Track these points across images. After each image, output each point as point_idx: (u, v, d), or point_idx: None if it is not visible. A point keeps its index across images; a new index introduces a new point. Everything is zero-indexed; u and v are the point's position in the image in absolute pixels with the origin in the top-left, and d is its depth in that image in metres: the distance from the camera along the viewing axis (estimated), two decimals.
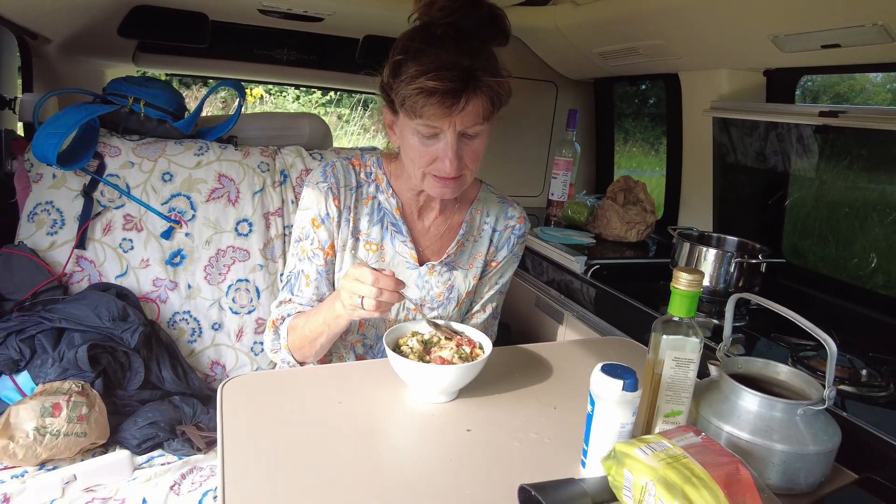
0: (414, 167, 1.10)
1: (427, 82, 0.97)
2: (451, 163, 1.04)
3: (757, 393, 0.80)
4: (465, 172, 1.08)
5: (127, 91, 1.69)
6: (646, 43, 1.63)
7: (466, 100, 0.99)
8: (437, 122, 1.01)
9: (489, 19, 1.07)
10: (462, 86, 0.98)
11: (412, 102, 1.00)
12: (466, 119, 1.01)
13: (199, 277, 1.70)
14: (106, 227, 1.64)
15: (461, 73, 0.98)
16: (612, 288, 1.49)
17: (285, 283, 1.26)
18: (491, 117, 1.05)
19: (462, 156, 1.05)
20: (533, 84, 2.24)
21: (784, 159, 1.64)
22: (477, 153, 1.08)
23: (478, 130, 1.05)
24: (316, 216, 1.20)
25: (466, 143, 1.06)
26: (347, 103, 7.55)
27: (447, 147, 1.03)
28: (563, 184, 2.06)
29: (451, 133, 1.02)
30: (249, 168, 1.78)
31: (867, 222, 1.59)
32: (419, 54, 1.01)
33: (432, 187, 1.10)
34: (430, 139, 1.05)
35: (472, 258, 1.28)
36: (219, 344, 1.71)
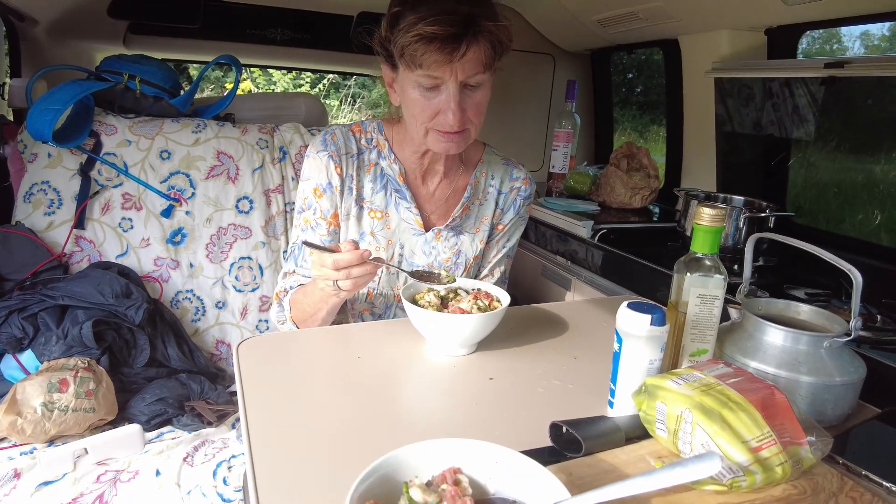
0: (416, 123, 1.08)
1: (426, 28, 0.95)
2: (455, 114, 1.01)
3: (782, 328, 0.80)
4: (468, 126, 1.06)
5: (121, 68, 1.66)
6: (645, 6, 1.62)
7: (467, 45, 0.97)
8: (438, 72, 0.99)
9: None
10: (462, 30, 0.96)
11: (412, 51, 0.98)
12: (468, 66, 0.99)
13: (200, 256, 1.68)
14: (104, 207, 1.61)
15: (461, 17, 0.96)
16: (620, 250, 1.48)
17: (289, 253, 1.24)
18: (493, 66, 1.03)
19: (465, 108, 1.03)
20: (531, 57, 2.23)
21: (783, 123, 1.64)
22: (480, 105, 1.05)
23: (480, 80, 1.02)
24: (318, 185, 1.18)
25: (469, 95, 1.03)
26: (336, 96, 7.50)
27: (450, 98, 1.01)
28: (564, 156, 2.05)
29: (453, 83, 1.00)
30: (248, 145, 1.76)
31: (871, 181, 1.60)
32: (417, 4, 0.99)
33: (436, 143, 1.08)
34: (432, 91, 1.03)
35: (478, 221, 1.26)
36: (223, 322, 1.69)
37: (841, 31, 2.07)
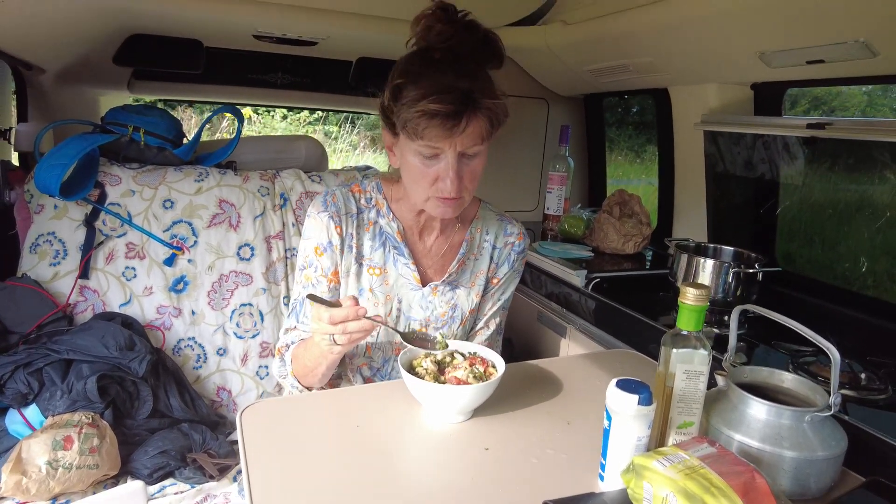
0: (416, 188, 1.12)
1: (429, 105, 1.00)
2: (453, 182, 1.06)
3: (765, 402, 0.83)
4: (464, 194, 1.11)
5: (126, 120, 1.70)
6: (636, 60, 1.68)
7: (467, 121, 1.02)
8: (439, 143, 1.04)
9: (483, 43, 1.11)
10: (462, 107, 1.01)
11: (414, 125, 1.03)
12: (467, 140, 1.04)
13: (202, 303, 1.71)
14: (108, 256, 1.64)
15: (461, 95, 1.01)
16: (613, 300, 1.52)
17: (290, 309, 1.28)
18: (490, 137, 1.08)
19: (462, 175, 1.08)
20: (525, 101, 2.29)
21: (772, 167, 1.69)
22: (475, 173, 1.11)
23: (477, 150, 1.08)
24: (318, 244, 1.22)
25: (466, 163, 1.09)
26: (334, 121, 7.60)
27: (448, 167, 1.06)
28: (559, 198, 2.10)
29: (452, 153, 1.05)
30: (250, 192, 1.80)
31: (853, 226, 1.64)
32: (419, 78, 1.04)
33: (434, 208, 1.13)
34: (431, 160, 1.08)
35: (473, 276, 1.30)
36: (224, 369, 1.72)
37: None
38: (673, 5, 1.41)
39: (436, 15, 1.08)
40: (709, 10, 1.33)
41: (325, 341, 1.02)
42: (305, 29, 1.89)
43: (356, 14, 1.80)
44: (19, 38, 1.66)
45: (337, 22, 1.83)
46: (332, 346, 1.02)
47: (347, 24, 1.84)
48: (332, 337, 1.00)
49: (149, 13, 1.74)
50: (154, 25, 1.90)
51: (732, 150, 1.67)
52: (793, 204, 1.70)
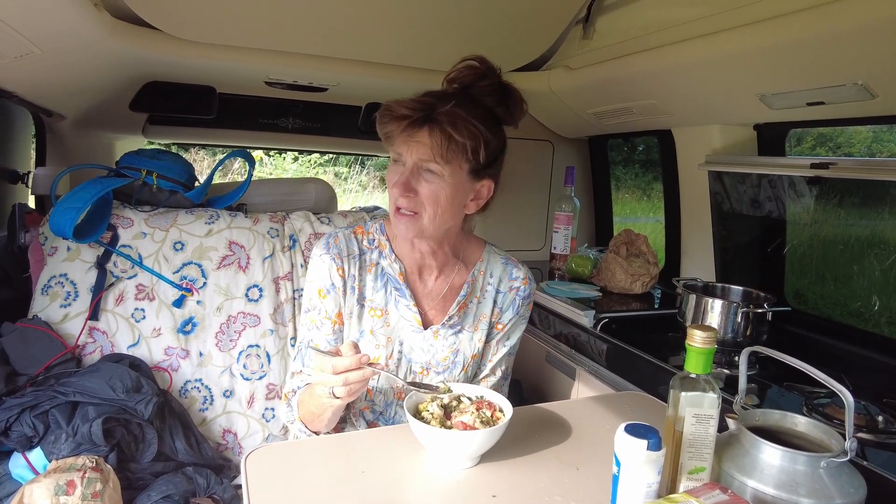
0: (390, 199, 1.16)
1: (396, 106, 1.08)
2: (398, 186, 1.10)
3: (779, 447, 0.81)
4: (420, 211, 1.12)
5: (139, 164, 1.75)
6: (639, 103, 1.71)
7: (429, 130, 1.07)
8: (401, 147, 1.10)
9: (498, 87, 1.15)
10: (424, 115, 1.07)
11: (383, 124, 1.11)
12: (422, 150, 1.08)
13: (210, 345, 1.71)
14: (118, 298, 1.66)
15: (426, 105, 1.07)
16: (623, 341, 1.50)
17: (296, 353, 1.28)
18: (448, 158, 1.08)
19: (418, 190, 1.10)
20: (531, 144, 2.33)
21: (779, 206, 1.69)
22: (435, 195, 1.10)
23: (434, 169, 1.09)
24: (322, 287, 1.23)
25: (425, 179, 1.10)
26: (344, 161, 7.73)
27: (403, 171, 1.10)
28: (565, 237, 2.11)
29: (409, 159, 1.10)
30: (259, 234, 1.82)
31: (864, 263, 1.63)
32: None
33: (396, 222, 1.15)
34: (396, 165, 1.13)
35: (476, 320, 1.28)
36: (230, 411, 1.70)
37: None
38: (675, 50, 1.45)
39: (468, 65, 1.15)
40: (711, 53, 1.36)
41: (326, 393, 1.01)
42: (316, 76, 1.95)
43: (365, 62, 1.86)
44: (43, 88, 1.73)
45: (346, 69, 1.88)
46: (332, 399, 1.02)
47: (357, 71, 1.89)
48: (331, 390, 1.00)
49: (165, 62, 1.80)
50: (170, 73, 1.96)
51: (738, 189, 1.68)
52: (801, 242, 1.70)
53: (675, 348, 1.52)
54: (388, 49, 1.77)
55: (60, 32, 1.31)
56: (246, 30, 1.66)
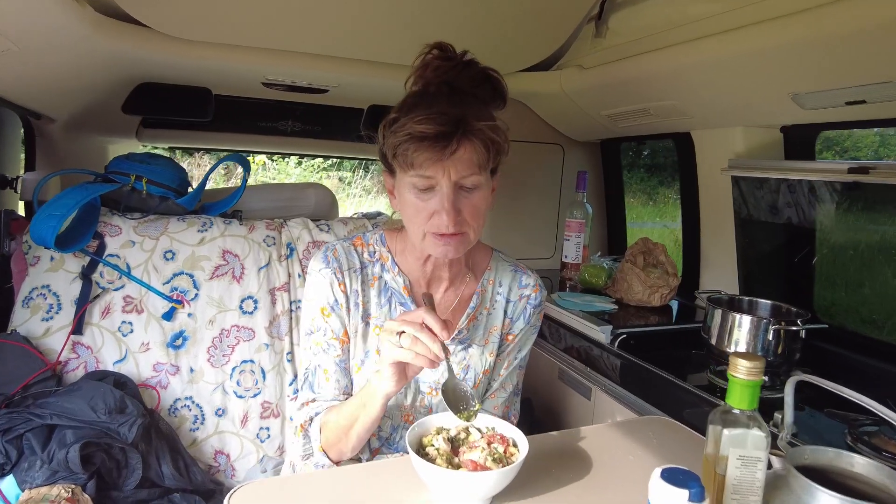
0: (413, 227, 1.05)
1: (416, 126, 0.94)
2: (449, 214, 0.98)
3: (838, 495, 0.70)
4: (466, 230, 1.03)
5: (129, 169, 1.65)
6: (657, 104, 1.61)
7: (458, 144, 0.95)
8: (430, 171, 0.97)
9: (483, 79, 1.06)
10: (452, 129, 0.95)
11: (403, 150, 0.96)
12: (460, 166, 0.97)
13: (201, 360, 1.61)
14: (105, 310, 1.56)
15: (451, 118, 0.95)
16: (642, 359, 1.40)
17: (303, 381, 1.18)
18: (487, 166, 1.00)
19: (461, 209, 1.00)
20: (540, 147, 2.22)
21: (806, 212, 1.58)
22: (477, 208, 1.02)
23: (476, 182, 1.00)
24: (325, 305, 1.13)
25: (465, 197, 1.01)
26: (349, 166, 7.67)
27: (443, 198, 0.98)
28: (577, 245, 2.01)
29: (447, 182, 0.98)
30: (255, 243, 1.73)
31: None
32: (412, 109, 0.99)
33: (433, 246, 1.04)
34: (426, 193, 1.00)
35: (487, 333, 1.19)
36: (223, 431, 1.60)
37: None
38: (697, 47, 1.35)
39: (433, 54, 1.05)
40: (737, 50, 1.26)
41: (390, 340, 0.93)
42: (315, 77, 1.86)
43: (366, 61, 1.77)
44: (28, 89, 1.64)
45: (347, 69, 1.80)
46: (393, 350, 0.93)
47: (358, 72, 1.80)
48: (398, 336, 0.92)
49: (157, 62, 1.72)
50: (162, 74, 1.88)
51: (762, 195, 1.58)
52: (832, 251, 1.59)
53: (699, 367, 1.42)
54: (390, 48, 1.68)
55: (37, 29, 1.22)
56: (241, 27, 1.58)
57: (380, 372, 0.98)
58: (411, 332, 0.92)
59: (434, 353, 0.91)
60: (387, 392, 0.99)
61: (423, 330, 0.91)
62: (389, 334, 0.95)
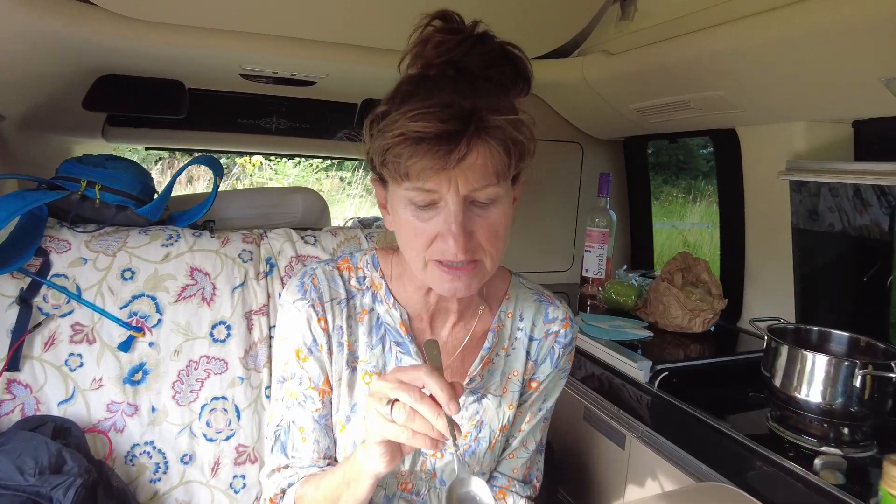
0: (411, 253, 0.81)
1: (410, 124, 0.70)
2: (457, 240, 0.74)
3: None
4: (480, 257, 0.78)
5: (80, 173, 1.42)
6: (700, 95, 1.36)
7: (468, 146, 0.71)
8: (432, 183, 0.73)
9: (500, 58, 0.81)
10: (460, 126, 0.70)
11: (395, 156, 0.72)
12: (472, 176, 0.73)
13: (165, 397, 1.37)
14: (48, 341, 1.32)
15: (459, 111, 0.71)
16: (688, 403, 1.16)
17: (274, 441, 0.95)
18: (508, 174, 0.76)
19: (474, 231, 0.76)
20: (555, 146, 1.98)
21: (881, 222, 1.34)
22: (495, 229, 0.78)
23: (492, 195, 0.76)
24: (300, 346, 0.90)
25: (478, 215, 0.77)
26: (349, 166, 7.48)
27: (449, 218, 0.74)
28: (599, 258, 1.76)
29: (454, 198, 0.74)
30: (228, 258, 1.49)
31: None
32: (406, 98, 0.75)
33: (437, 280, 0.80)
34: (427, 210, 0.76)
35: (504, 379, 0.96)
36: (189, 481, 1.36)
37: None
38: (753, 26, 1.11)
39: (434, 26, 0.79)
40: (809, 27, 1.02)
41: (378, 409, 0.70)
42: (300, 65, 1.62)
43: (360, 47, 1.53)
44: None
45: (338, 56, 1.56)
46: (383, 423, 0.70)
47: (350, 60, 1.57)
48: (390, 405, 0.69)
49: (119, 49, 1.49)
50: (127, 64, 1.64)
51: (828, 203, 1.33)
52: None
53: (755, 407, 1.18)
54: (387, 31, 1.43)
55: None
56: (212, 7, 1.35)
57: (366, 448, 0.75)
58: (408, 401, 0.68)
59: (438, 431, 0.67)
60: (376, 472, 0.76)
61: (423, 400, 0.68)
62: (378, 401, 0.71)
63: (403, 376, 0.70)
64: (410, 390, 0.68)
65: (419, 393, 0.68)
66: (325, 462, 0.93)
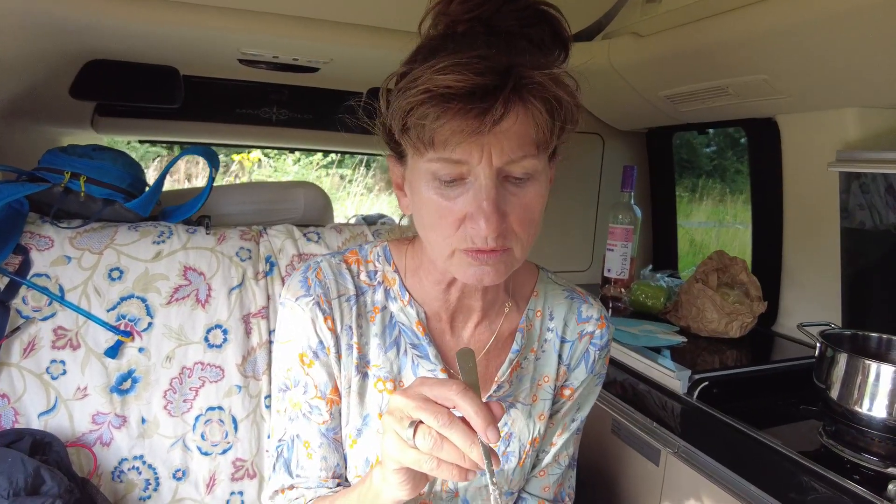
0: (435, 238, 0.70)
1: (438, 78, 0.60)
2: (489, 219, 0.64)
3: None
4: (511, 244, 0.68)
5: (62, 164, 1.31)
6: (739, 80, 1.25)
7: (505, 106, 0.61)
8: (461, 152, 0.63)
9: (535, 18, 0.70)
10: (499, 80, 0.60)
11: (419, 117, 0.62)
12: (508, 144, 0.63)
13: (156, 407, 1.26)
14: (27, 347, 1.21)
15: (494, 65, 0.61)
16: (732, 416, 1.04)
17: (277, 458, 0.85)
18: (549, 144, 0.66)
19: (507, 212, 0.66)
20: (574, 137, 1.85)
21: None
22: (530, 211, 0.68)
23: (529, 169, 0.66)
24: (305, 350, 0.79)
25: (513, 194, 0.67)
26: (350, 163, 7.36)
27: (480, 193, 0.64)
28: (623, 257, 1.65)
29: (486, 169, 0.63)
30: (225, 257, 1.38)
31: None
32: (432, 54, 0.65)
33: (463, 268, 0.69)
34: (454, 187, 0.66)
35: (535, 386, 0.86)
36: (182, 499, 1.26)
37: None
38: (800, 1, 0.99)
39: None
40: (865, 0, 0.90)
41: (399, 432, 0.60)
42: (302, 49, 1.51)
43: (368, 27, 1.42)
44: None
45: (343, 38, 1.45)
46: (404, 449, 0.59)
47: (356, 42, 1.46)
48: (413, 428, 0.58)
49: (107, 32, 1.38)
50: (116, 48, 1.53)
51: (882, 197, 1.21)
52: None
53: (811, 424, 1.06)
54: (398, 9, 1.32)
55: None
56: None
57: (383, 472, 0.64)
58: (434, 425, 0.57)
59: (472, 461, 0.57)
60: (394, 500, 0.66)
61: (453, 424, 0.57)
62: (398, 422, 0.60)
63: (430, 392, 0.59)
64: (438, 413, 0.57)
65: (449, 416, 0.57)
66: (335, 482, 0.83)
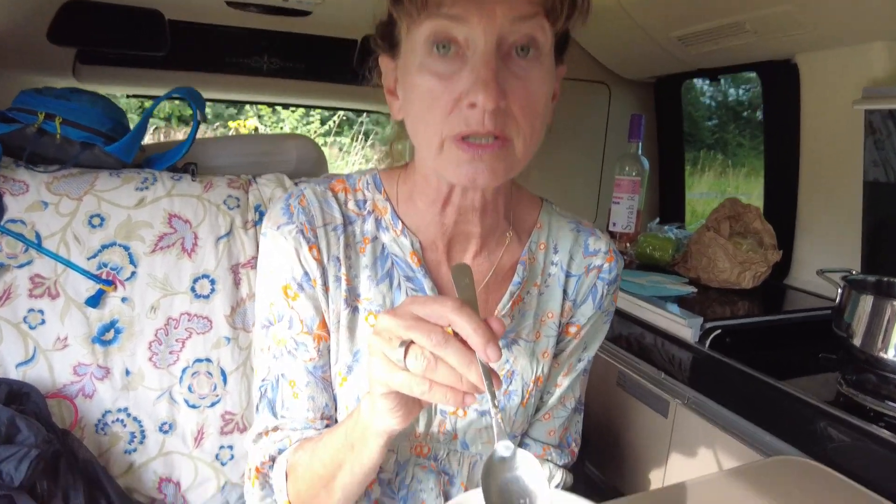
0: (427, 129, 0.63)
1: None
2: (487, 85, 0.57)
3: None
4: (511, 134, 0.62)
5: (37, 105, 1.23)
6: (760, 13, 1.16)
7: None
8: (460, 7, 0.57)
9: None
10: None
11: None
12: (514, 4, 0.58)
13: (140, 359, 1.21)
14: (3, 295, 1.16)
15: None
16: (747, 366, 0.98)
17: (260, 398, 0.79)
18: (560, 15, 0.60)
19: (507, 93, 0.59)
20: (579, 86, 1.78)
21: None
22: (533, 99, 0.62)
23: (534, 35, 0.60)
24: (289, 282, 0.73)
25: (514, 74, 0.60)
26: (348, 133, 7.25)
27: (477, 62, 0.58)
28: (629, 210, 1.58)
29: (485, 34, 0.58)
30: (212, 205, 1.31)
31: None
32: None
33: (455, 165, 0.63)
34: (450, 60, 0.60)
35: (538, 323, 0.80)
36: (169, 452, 1.21)
37: None
38: None
39: None
40: None
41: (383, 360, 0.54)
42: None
43: None
44: None
45: None
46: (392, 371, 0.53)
47: None
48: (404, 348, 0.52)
49: None
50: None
51: None
52: None
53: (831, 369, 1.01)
54: None
55: None
56: None
57: (372, 400, 0.58)
58: (427, 344, 0.51)
59: (470, 383, 0.51)
60: (387, 430, 0.60)
61: (448, 343, 0.51)
62: (387, 342, 0.54)
63: (422, 310, 0.53)
64: (431, 331, 0.51)
65: (443, 334, 0.51)
66: (323, 423, 0.78)
